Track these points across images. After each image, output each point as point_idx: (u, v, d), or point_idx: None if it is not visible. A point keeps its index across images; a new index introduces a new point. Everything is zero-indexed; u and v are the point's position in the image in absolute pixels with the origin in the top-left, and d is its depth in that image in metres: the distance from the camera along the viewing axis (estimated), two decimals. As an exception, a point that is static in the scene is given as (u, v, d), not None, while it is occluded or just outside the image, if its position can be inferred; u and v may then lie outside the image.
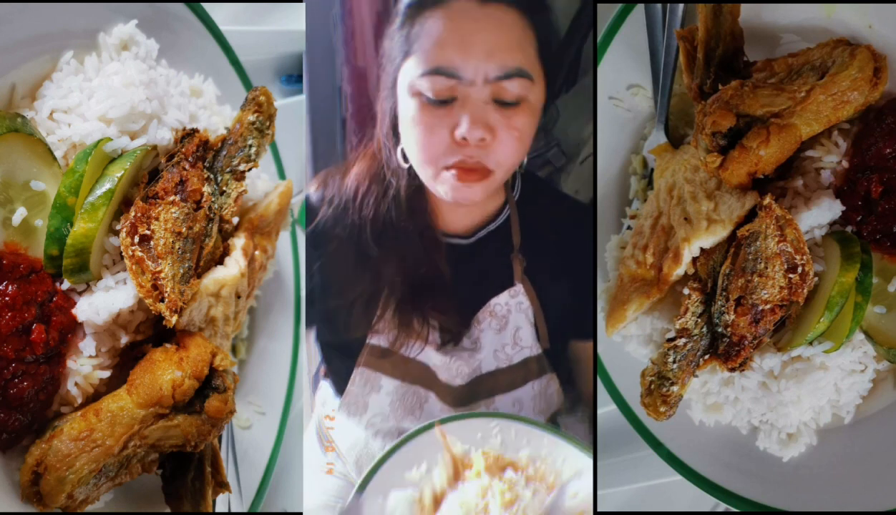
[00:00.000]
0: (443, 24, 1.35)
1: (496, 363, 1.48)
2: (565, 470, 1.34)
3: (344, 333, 1.50)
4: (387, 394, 1.46)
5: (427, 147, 1.38)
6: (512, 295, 1.47)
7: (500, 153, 1.37)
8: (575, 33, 1.54)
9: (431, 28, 1.36)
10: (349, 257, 1.48)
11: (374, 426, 1.47)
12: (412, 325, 1.46)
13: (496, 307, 1.47)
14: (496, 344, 1.48)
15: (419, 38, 1.37)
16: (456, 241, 1.49)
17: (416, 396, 1.47)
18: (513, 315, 1.48)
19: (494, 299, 1.47)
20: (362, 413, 1.47)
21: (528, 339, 1.49)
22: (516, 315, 1.48)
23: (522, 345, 1.49)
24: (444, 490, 1.32)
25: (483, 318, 1.47)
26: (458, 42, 1.35)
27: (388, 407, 1.46)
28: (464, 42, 1.34)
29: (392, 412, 1.46)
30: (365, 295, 1.48)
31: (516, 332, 1.48)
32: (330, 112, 1.56)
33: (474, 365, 1.47)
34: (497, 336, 1.48)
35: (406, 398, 1.47)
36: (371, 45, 1.56)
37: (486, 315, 1.47)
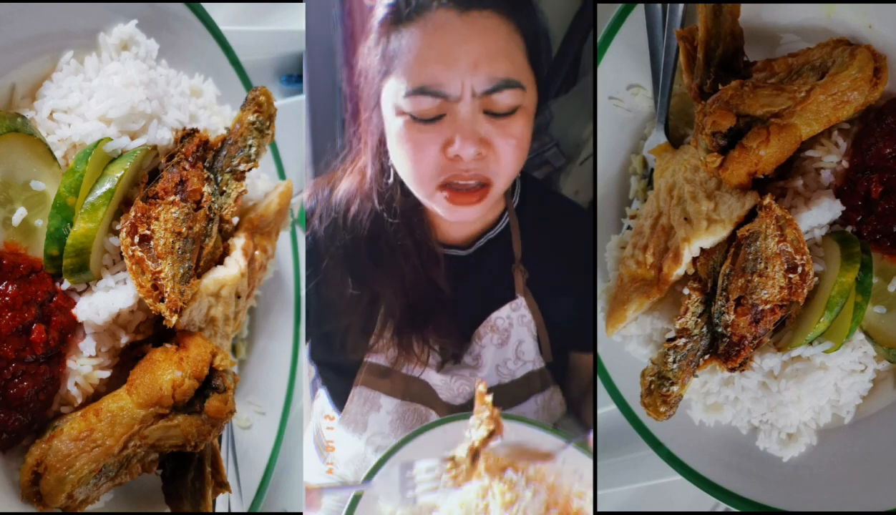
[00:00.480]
0: (421, 38, 1.28)
1: (498, 378, 1.45)
2: (565, 470, 1.34)
3: (341, 354, 1.46)
4: (387, 413, 1.44)
5: (418, 166, 1.33)
6: (514, 308, 1.44)
7: (500, 163, 1.32)
8: (575, 33, 1.53)
9: (409, 44, 1.29)
10: (344, 277, 1.44)
11: (375, 443, 1.45)
12: (411, 348, 1.42)
13: (497, 321, 1.44)
14: (498, 359, 1.44)
15: (398, 56, 1.30)
16: (454, 252, 1.46)
17: (417, 414, 1.44)
18: (515, 328, 1.44)
19: (495, 313, 1.43)
20: (362, 431, 1.45)
21: (530, 353, 1.45)
22: (518, 328, 1.44)
23: (525, 359, 1.45)
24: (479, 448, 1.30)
25: (484, 333, 1.44)
26: (439, 57, 1.28)
27: (389, 426, 1.44)
28: (446, 56, 1.27)
29: (392, 430, 1.44)
30: (361, 317, 1.44)
31: (518, 346, 1.45)
32: (330, 112, 1.56)
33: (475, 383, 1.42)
34: (499, 350, 1.44)
35: (406, 416, 1.44)
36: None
37: (487, 329, 1.44)
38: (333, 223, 1.44)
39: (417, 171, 1.33)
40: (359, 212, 1.42)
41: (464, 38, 1.27)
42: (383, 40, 1.32)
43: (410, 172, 1.35)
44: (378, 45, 1.33)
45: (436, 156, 1.30)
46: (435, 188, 1.33)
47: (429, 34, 1.28)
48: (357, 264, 1.43)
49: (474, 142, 1.28)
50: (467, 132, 1.28)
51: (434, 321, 1.44)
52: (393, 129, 1.33)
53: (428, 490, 1.30)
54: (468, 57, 1.27)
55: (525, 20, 1.32)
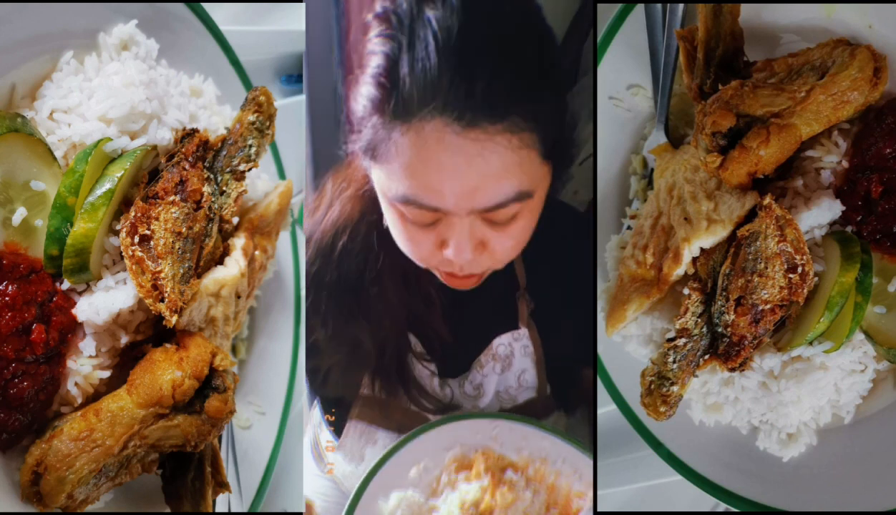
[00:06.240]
0: (412, 150, 1.11)
1: (499, 404, 1.40)
2: (565, 470, 1.34)
3: (333, 390, 1.40)
4: (383, 447, 1.37)
5: (413, 252, 1.26)
6: (516, 338, 1.39)
7: (496, 260, 1.24)
8: (575, 33, 1.53)
9: (399, 149, 1.12)
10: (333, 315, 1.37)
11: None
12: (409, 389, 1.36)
13: (499, 348, 1.38)
14: (499, 386, 1.40)
15: (387, 152, 1.13)
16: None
17: None
18: (517, 358, 1.39)
19: (497, 339, 1.38)
20: (358, 462, 1.40)
21: (533, 381, 1.40)
22: (521, 358, 1.39)
23: (527, 386, 1.41)
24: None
25: (486, 362, 1.39)
26: (432, 177, 1.11)
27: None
28: (440, 179, 1.11)
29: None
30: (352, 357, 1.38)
31: (521, 375, 1.40)
32: (330, 112, 1.56)
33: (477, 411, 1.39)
34: (501, 378, 1.40)
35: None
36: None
37: (488, 358, 1.38)
38: (321, 256, 1.36)
39: (413, 256, 1.27)
40: (347, 247, 1.34)
41: (462, 160, 1.09)
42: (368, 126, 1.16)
43: (405, 251, 1.27)
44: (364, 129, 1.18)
45: (430, 249, 1.22)
46: (432, 266, 1.29)
47: (421, 148, 1.10)
48: (342, 303, 1.35)
49: (470, 249, 1.19)
50: (464, 242, 1.18)
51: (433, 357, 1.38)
52: (386, 212, 1.24)
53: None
54: (468, 181, 1.11)
55: (549, 119, 1.15)
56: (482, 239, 1.20)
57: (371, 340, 1.36)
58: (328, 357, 1.39)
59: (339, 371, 1.39)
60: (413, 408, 1.39)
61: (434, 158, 1.10)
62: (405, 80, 1.09)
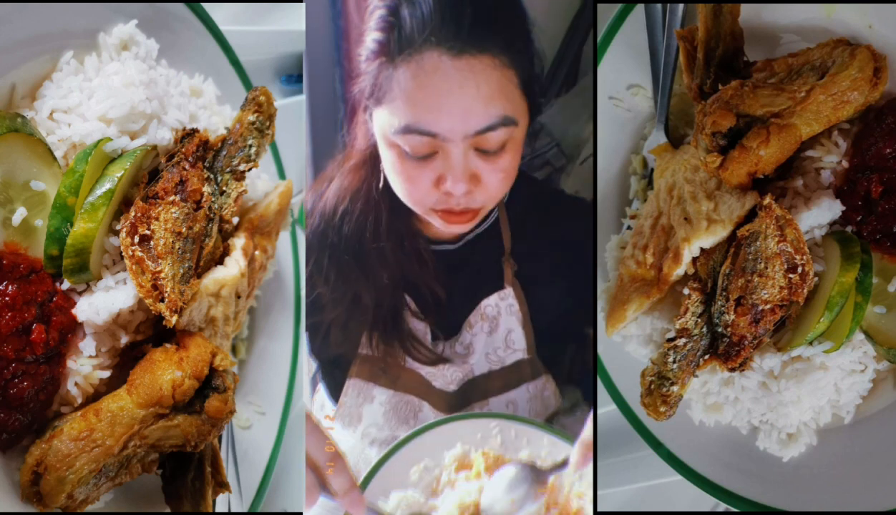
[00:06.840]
0: (413, 80, 1.27)
1: (488, 365, 1.48)
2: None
3: (334, 347, 1.49)
4: (380, 405, 1.46)
5: (411, 193, 1.37)
6: (502, 297, 1.47)
7: (488, 194, 1.36)
8: (575, 33, 1.54)
9: (401, 82, 1.28)
10: (334, 273, 1.47)
11: (370, 436, 1.46)
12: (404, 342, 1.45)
13: (487, 308, 1.47)
14: (488, 347, 1.47)
15: (390, 89, 1.30)
16: (443, 247, 1.49)
17: (410, 406, 1.46)
18: (503, 317, 1.47)
19: (485, 301, 1.47)
20: (357, 424, 1.47)
21: (520, 342, 1.48)
22: (507, 318, 1.47)
23: (515, 348, 1.48)
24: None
25: (475, 322, 1.47)
26: (430, 102, 1.27)
27: (382, 418, 1.46)
28: (437, 102, 1.27)
29: (386, 422, 1.46)
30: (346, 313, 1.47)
31: (508, 335, 1.48)
32: (330, 112, 1.56)
33: (466, 369, 1.47)
34: (489, 338, 1.47)
35: (399, 408, 1.46)
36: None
37: (477, 318, 1.47)
38: (323, 220, 1.47)
39: (411, 198, 1.38)
40: (348, 211, 1.46)
41: (456, 84, 1.26)
42: (374, 69, 1.31)
43: (404, 196, 1.39)
44: (369, 71, 1.32)
45: (428, 187, 1.34)
46: (429, 209, 1.38)
47: (420, 77, 1.27)
48: (342, 262, 1.46)
49: (465, 181, 1.31)
50: (459, 172, 1.31)
51: (425, 315, 1.47)
52: (385, 157, 1.37)
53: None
54: (461, 102, 1.27)
55: (520, 55, 1.31)
56: (475, 171, 1.32)
57: (370, 296, 1.46)
58: (329, 311, 1.48)
59: (339, 327, 1.48)
60: (409, 365, 1.46)
61: (431, 85, 1.27)
62: (405, 21, 1.27)
